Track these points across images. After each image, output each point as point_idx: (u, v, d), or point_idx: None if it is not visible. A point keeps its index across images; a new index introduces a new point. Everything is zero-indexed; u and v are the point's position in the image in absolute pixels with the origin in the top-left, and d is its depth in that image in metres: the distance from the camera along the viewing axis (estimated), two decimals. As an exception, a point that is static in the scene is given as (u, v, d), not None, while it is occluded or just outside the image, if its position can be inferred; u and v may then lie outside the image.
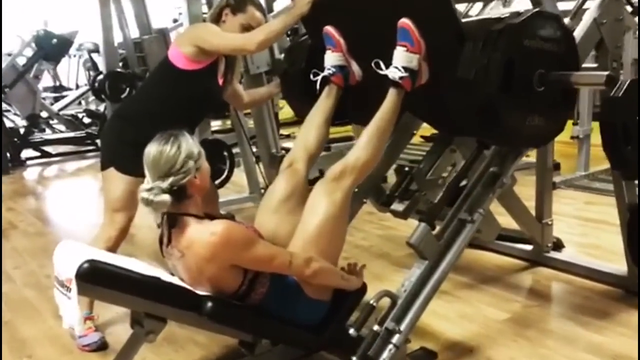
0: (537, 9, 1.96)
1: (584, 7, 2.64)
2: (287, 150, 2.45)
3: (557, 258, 2.96)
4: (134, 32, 5.36)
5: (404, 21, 1.96)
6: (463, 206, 2.14)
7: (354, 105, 2.35)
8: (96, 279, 1.63)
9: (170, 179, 1.75)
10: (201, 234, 1.75)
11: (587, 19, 2.45)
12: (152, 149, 1.80)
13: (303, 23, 2.39)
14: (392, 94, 2.02)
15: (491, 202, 2.16)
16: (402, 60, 1.98)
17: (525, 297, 2.66)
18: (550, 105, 1.98)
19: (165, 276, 1.81)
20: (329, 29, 2.24)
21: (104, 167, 2.42)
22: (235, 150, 4.27)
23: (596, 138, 2.66)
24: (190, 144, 1.80)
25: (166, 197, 1.74)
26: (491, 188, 2.17)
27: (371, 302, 1.98)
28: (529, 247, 3.05)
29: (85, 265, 1.61)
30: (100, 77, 5.46)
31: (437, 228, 2.12)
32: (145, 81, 2.64)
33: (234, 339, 2.08)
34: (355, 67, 2.27)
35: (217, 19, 2.42)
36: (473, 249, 3.18)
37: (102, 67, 5.27)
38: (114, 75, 5.14)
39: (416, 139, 3.44)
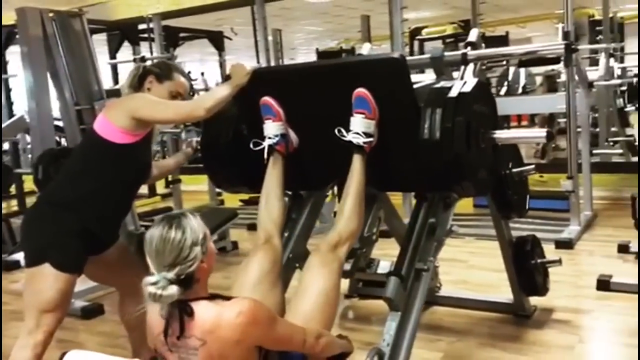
0: (478, 79, 2.28)
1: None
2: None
3: (447, 296, 3.31)
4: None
5: (362, 90, 2.13)
6: (415, 257, 2.33)
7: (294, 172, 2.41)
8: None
9: (177, 269, 1.63)
10: (225, 315, 1.65)
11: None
12: (154, 237, 1.65)
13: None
14: (357, 160, 2.16)
15: (439, 251, 2.39)
16: (361, 127, 2.14)
17: (443, 335, 2.92)
18: (489, 159, 2.30)
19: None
20: (269, 99, 2.30)
21: (33, 262, 2.11)
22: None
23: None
24: (194, 227, 1.67)
25: (174, 290, 1.61)
26: (433, 238, 2.41)
27: (368, 360, 2.04)
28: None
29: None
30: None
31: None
32: (72, 161, 2.33)
33: None
34: (292, 135, 2.37)
35: (138, 88, 2.32)
36: (362, 298, 3.38)
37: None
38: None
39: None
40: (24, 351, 2.07)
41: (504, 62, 8.59)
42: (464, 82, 2.21)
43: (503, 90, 9.08)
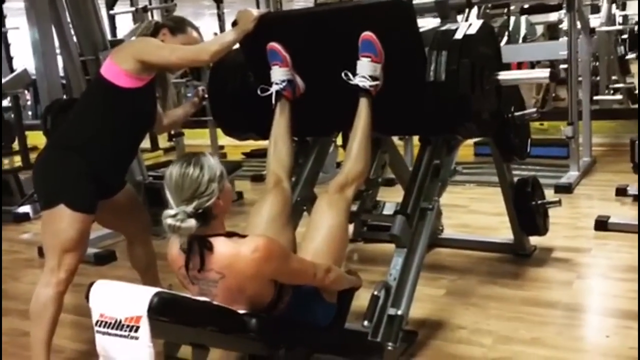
0: (483, 21, 2.31)
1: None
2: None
3: (450, 238, 3.42)
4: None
5: (368, 34, 2.16)
6: (420, 197, 2.41)
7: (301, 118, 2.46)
8: (169, 312, 1.53)
9: (195, 203, 1.70)
10: (242, 251, 1.73)
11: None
12: (173, 172, 1.72)
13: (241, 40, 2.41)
14: (364, 103, 2.20)
15: (443, 191, 2.47)
16: (368, 70, 2.18)
17: (445, 273, 3.02)
18: (493, 100, 2.36)
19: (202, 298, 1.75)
20: (276, 45, 2.32)
21: (49, 204, 2.17)
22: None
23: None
24: (212, 165, 1.75)
25: (192, 222, 1.68)
26: (437, 179, 2.48)
27: (375, 293, 2.14)
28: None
29: (156, 298, 1.50)
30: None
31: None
32: (79, 106, 2.37)
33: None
34: (299, 81, 2.40)
35: None
36: (367, 242, 3.50)
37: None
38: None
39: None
40: (47, 289, 2.17)
41: (505, 11, 8.54)
42: (469, 24, 2.24)
43: (504, 41, 9.02)
